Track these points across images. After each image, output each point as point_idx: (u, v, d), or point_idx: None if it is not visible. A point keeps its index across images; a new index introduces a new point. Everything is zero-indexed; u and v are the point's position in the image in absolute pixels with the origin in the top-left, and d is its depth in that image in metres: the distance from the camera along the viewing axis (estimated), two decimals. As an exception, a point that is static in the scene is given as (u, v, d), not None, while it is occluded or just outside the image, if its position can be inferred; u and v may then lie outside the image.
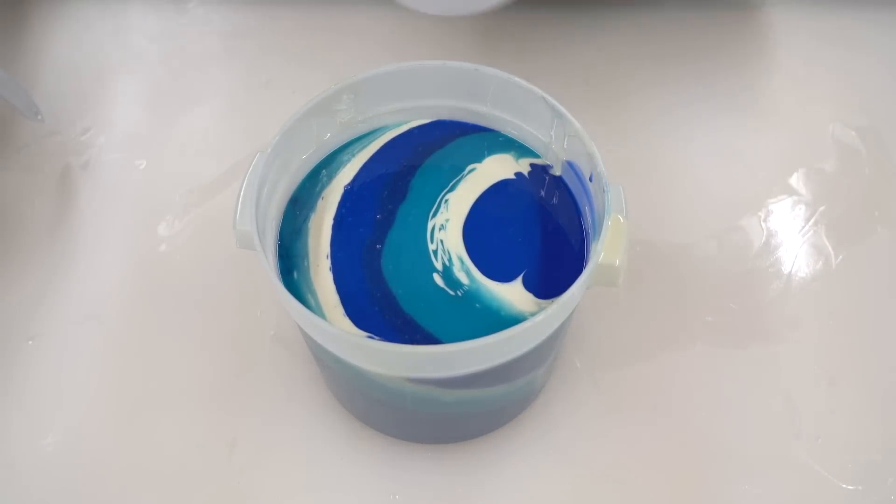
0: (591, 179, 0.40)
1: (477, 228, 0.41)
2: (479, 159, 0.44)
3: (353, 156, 0.44)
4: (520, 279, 0.39)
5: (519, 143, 0.44)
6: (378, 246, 0.40)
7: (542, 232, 0.41)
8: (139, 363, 0.48)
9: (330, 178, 0.43)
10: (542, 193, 0.42)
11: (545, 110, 0.41)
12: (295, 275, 0.39)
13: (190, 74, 0.62)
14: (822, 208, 0.54)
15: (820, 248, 0.53)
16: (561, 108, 0.40)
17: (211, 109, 0.60)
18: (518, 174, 0.43)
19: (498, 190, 0.42)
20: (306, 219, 0.42)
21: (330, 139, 0.44)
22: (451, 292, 0.39)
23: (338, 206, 0.42)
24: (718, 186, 0.56)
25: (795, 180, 0.56)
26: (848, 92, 0.61)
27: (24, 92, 0.50)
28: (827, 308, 0.50)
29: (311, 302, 0.38)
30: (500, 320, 0.38)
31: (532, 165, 0.43)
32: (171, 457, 0.45)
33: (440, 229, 0.41)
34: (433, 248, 0.40)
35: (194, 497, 0.44)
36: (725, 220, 0.54)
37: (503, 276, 0.39)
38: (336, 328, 0.35)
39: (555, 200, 0.42)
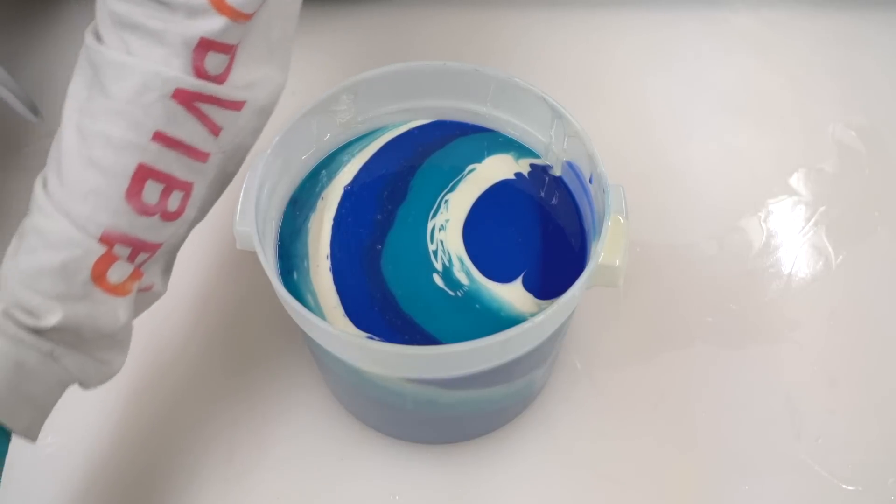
0: (591, 180, 0.40)
1: (477, 229, 0.41)
2: (478, 159, 0.44)
3: (353, 156, 0.44)
4: (520, 280, 0.39)
5: (519, 143, 0.44)
6: (378, 246, 0.40)
7: (542, 232, 0.41)
8: (139, 363, 0.48)
9: (330, 178, 0.43)
10: (542, 194, 0.42)
11: (545, 110, 0.41)
12: (295, 275, 0.39)
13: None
14: (822, 208, 0.54)
15: (820, 248, 0.53)
16: (561, 109, 0.40)
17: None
18: (518, 174, 0.43)
19: (498, 190, 0.42)
20: (306, 219, 0.42)
21: (330, 139, 0.44)
22: (451, 293, 0.39)
23: (338, 207, 0.42)
24: (718, 186, 0.56)
25: (795, 180, 0.56)
26: (848, 92, 0.61)
27: (23, 92, 0.50)
28: (827, 308, 0.50)
29: (311, 302, 0.38)
30: (500, 321, 0.38)
31: (532, 166, 0.43)
32: (171, 456, 0.45)
33: (440, 230, 0.41)
34: (433, 249, 0.40)
35: (195, 496, 0.44)
36: (725, 220, 0.54)
37: (503, 277, 0.39)
38: (336, 329, 0.35)
39: (555, 201, 0.42)
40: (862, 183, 0.56)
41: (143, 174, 0.32)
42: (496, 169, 0.43)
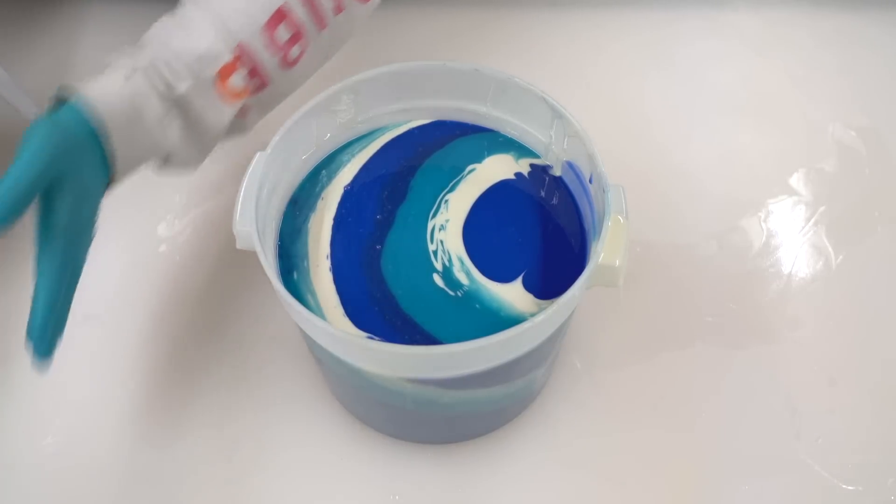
0: (591, 180, 0.40)
1: (477, 229, 0.41)
2: (478, 159, 0.44)
3: (353, 156, 0.44)
4: (520, 279, 0.39)
5: (519, 143, 0.44)
6: (378, 246, 0.40)
7: (542, 232, 0.41)
8: (139, 363, 0.48)
9: (330, 178, 0.43)
10: (542, 194, 0.42)
11: (545, 110, 0.41)
12: (295, 275, 0.39)
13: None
14: (822, 208, 0.54)
15: (820, 248, 0.53)
16: (561, 109, 0.40)
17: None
18: (518, 174, 0.43)
19: (498, 190, 0.42)
20: (306, 219, 0.42)
21: (330, 139, 0.44)
22: (451, 293, 0.39)
23: (338, 207, 0.42)
24: (718, 186, 0.56)
25: (795, 180, 0.56)
26: (848, 92, 0.61)
27: (23, 92, 0.50)
28: (827, 308, 0.50)
29: (311, 302, 0.38)
30: (500, 321, 0.38)
31: (532, 166, 0.43)
32: (171, 456, 0.45)
33: (440, 230, 0.41)
34: (433, 249, 0.40)
35: (195, 496, 0.44)
36: (725, 220, 0.54)
37: (503, 277, 0.39)
38: (336, 329, 0.35)
39: (555, 201, 0.42)
40: (862, 183, 0.56)
41: (281, 15, 0.40)
42: (496, 169, 0.43)
